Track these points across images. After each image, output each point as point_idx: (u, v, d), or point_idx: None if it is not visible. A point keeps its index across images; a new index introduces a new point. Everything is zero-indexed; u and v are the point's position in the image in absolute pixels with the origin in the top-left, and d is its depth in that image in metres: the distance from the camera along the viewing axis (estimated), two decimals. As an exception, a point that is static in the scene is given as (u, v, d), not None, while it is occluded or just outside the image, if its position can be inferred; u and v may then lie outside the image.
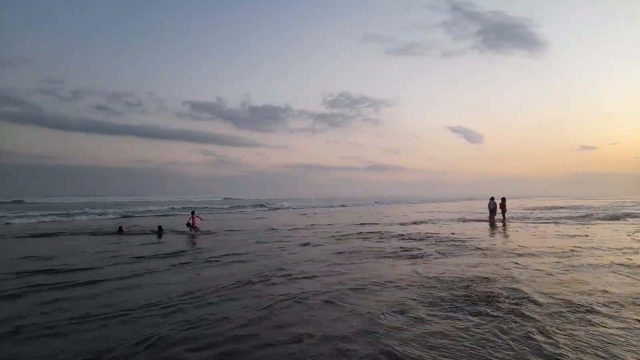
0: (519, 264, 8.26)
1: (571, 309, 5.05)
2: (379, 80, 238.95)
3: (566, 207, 36.58)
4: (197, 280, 7.16)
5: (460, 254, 9.80)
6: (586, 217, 23.24)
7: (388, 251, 10.32)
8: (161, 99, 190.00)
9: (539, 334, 4.17)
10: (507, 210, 22.16)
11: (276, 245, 11.94)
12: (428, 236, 13.80)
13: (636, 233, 14.01)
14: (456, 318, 4.75)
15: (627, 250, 9.88)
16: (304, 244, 12.00)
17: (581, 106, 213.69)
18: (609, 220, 20.94)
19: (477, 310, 5.02)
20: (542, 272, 7.33)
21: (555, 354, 3.69)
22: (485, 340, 4.02)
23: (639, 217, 21.88)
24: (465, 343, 3.96)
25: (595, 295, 5.67)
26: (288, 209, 44.06)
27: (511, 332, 4.25)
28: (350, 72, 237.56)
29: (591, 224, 18.47)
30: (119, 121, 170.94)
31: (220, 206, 44.26)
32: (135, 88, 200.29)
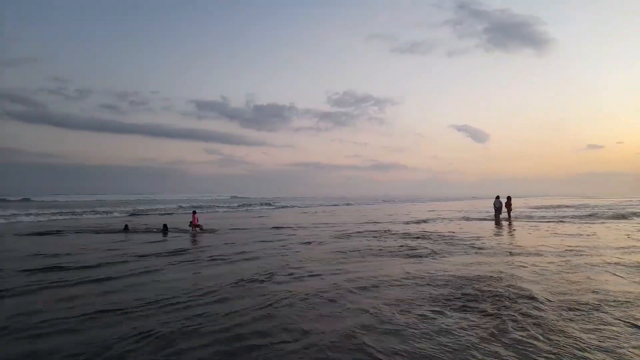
0: (524, 262, 8.22)
1: (576, 308, 5.03)
2: (383, 79, 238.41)
3: (572, 206, 36.28)
4: (202, 278, 7.21)
5: (464, 252, 9.77)
6: (592, 216, 23.05)
7: (392, 250, 10.31)
8: (166, 98, 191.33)
9: (545, 331, 4.17)
10: (513, 209, 22.05)
11: (280, 243, 11.98)
12: (433, 235, 13.77)
13: (637, 232, 13.89)
14: (461, 317, 4.75)
15: (634, 250, 9.79)
16: (308, 242, 12.04)
17: (587, 105, 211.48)
18: (616, 219, 20.77)
19: (481, 309, 5.01)
20: (548, 271, 7.29)
21: (559, 353, 3.68)
22: (489, 338, 4.02)
23: (646, 216, 21.67)
24: (470, 340, 3.96)
25: (599, 294, 5.64)
26: (293, 207, 44.24)
27: (514, 330, 4.25)
28: (355, 70, 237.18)
29: (597, 223, 18.32)
30: (124, 120, 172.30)
31: (227, 204, 44.49)
32: (141, 87, 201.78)
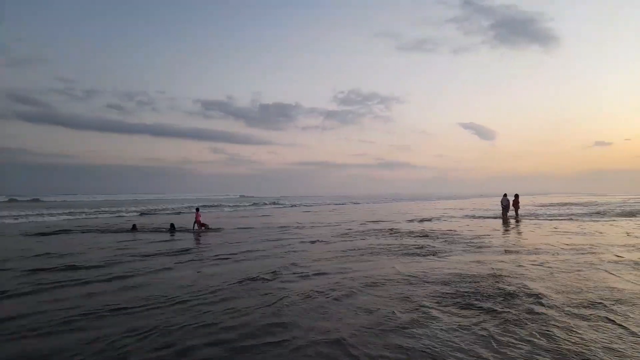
0: (531, 260, 8.15)
1: (583, 306, 4.98)
2: (389, 77, 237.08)
3: (580, 204, 35.89)
4: (207, 277, 7.25)
5: (471, 251, 9.71)
6: (600, 213, 22.78)
7: (399, 248, 10.28)
8: (172, 97, 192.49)
9: (550, 329, 4.14)
10: (520, 207, 21.86)
11: (286, 242, 12.01)
12: (439, 233, 13.70)
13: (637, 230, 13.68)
14: (467, 315, 4.73)
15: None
16: (314, 241, 12.05)
17: (595, 101, 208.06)
18: (624, 216, 20.52)
19: (486, 307, 4.98)
20: (555, 269, 7.22)
21: (563, 351, 3.64)
22: (495, 337, 3.99)
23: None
24: (477, 338, 3.94)
25: (606, 292, 5.57)
26: (299, 206, 44.40)
27: (521, 329, 4.21)
28: (361, 68, 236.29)
29: (604, 221, 18.10)
30: (131, 120, 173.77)
31: (235, 204, 44.75)
32: (147, 87, 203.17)
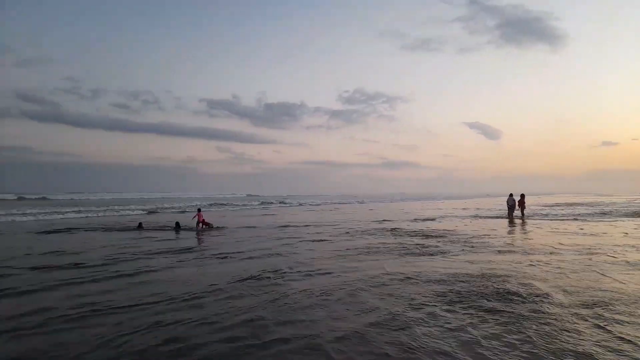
0: (537, 261, 8.10)
1: (588, 306, 4.94)
2: (394, 76, 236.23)
3: (586, 204, 35.56)
4: (210, 275, 7.26)
5: (477, 250, 9.67)
6: (606, 214, 22.56)
7: (402, 248, 10.26)
8: (178, 96, 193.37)
9: (554, 330, 4.11)
10: (526, 207, 21.76)
11: (290, 241, 12.04)
12: (444, 233, 13.66)
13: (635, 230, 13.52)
14: (473, 314, 4.72)
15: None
16: (319, 240, 12.06)
17: (602, 101, 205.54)
18: (630, 217, 20.31)
19: (490, 307, 4.97)
20: (560, 269, 7.17)
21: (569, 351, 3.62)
22: (499, 336, 3.98)
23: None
24: (480, 338, 3.93)
25: (612, 292, 5.52)
26: (304, 205, 44.58)
27: (523, 329, 4.19)
28: (366, 68, 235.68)
29: (611, 221, 17.94)
30: (137, 119, 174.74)
31: (241, 202, 44.94)
32: (153, 86, 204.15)
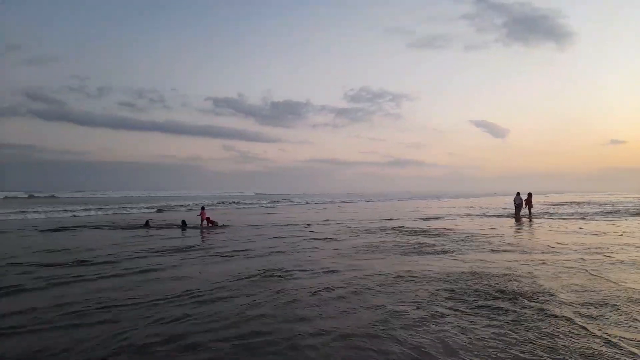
0: (542, 260, 8.05)
1: (593, 306, 4.92)
2: (400, 74, 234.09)
3: (593, 203, 35.11)
4: (217, 273, 7.33)
5: (482, 249, 9.63)
6: (614, 213, 22.29)
7: (409, 247, 10.25)
8: (184, 95, 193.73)
9: (561, 330, 4.10)
10: (534, 206, 21.57)
11: (297, 239, 12.08)
12: (449, 232, 13.60)
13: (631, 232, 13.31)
14: (478, 314, 4.72)
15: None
16: (325, 239, 12.10)
17: (610, 99, 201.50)
18: (638, 216, 20.04)
19: (495, 306, 4.97)
20: (566, 269, 7.12)
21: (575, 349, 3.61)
22: (507, 336, 3.98)
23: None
24: (483, 338, 3.93)
25: (620, 292, 5.48)
26: (311, 203, 44.77)
27: (529, 329, 4.19)
28: (371, 66, 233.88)
29: (619, 220, 17.72)
30: (142, 117, 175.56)
31: (248, 201, 45.15)
32: (158, 85, 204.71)
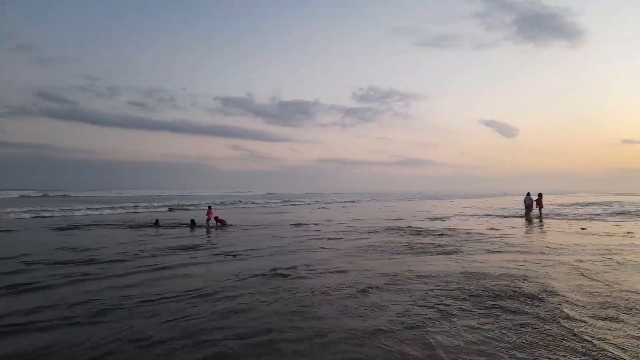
0: (553, 261, 7.96)
1: (606, 308, 4.85)
2: (409, 74, 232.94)
3: (605, 204, 34.53)
4: (225, 272, 7.37)
5: (492, 250, 9.56)
6: (625, 214, 21.90)
7: (420, 247, 10.21)
8: (193, 94, 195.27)
9: (572, 332, 4.06)
10: (544, 207, 21.29)
11: (305, 239, 12.12)
12: (460, 232, 13.52)
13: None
14: (488, 314, 4.69)
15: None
16: (332, 239, 12.11)
17: (622, 98, 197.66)
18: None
19: (500, 306, 4.96)
20: (578, 270, 7.03)
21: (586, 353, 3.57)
22: (514, 336, 3.96)
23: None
24: (490, 337, 3.91)
25: (632, 295, 5.38)
26: (321, 203, 45.01)
27: (540, 330, 4.15)
28: (380, 65, 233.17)
29: (630, 221, 17.40)
30: (153, 117, 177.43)
31: (257, 200, 45.47)
32: (168, 84, 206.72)
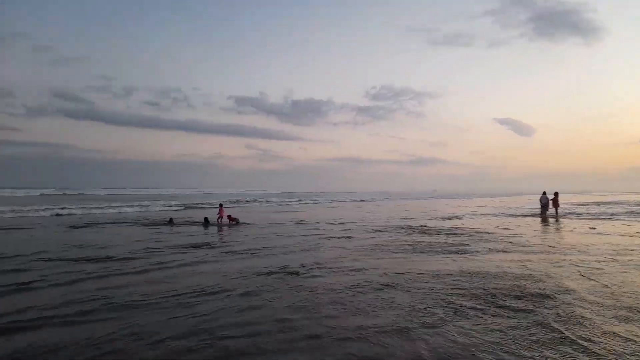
0: (569, 261, 7.80)
1: (618, 309, 4.73)
2: (422, 72, 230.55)
3: (622, 203, 33.60)
4: (237, 270, 7.44)
5: (508, 250, 9.42)
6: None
7: (431, 246, 10.13)
8: (206, 94, 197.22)
9: (585, 333, 3.98)
10: (560, 206, 20.84)
11: (317, 237, 12.16)
12: (473, 232, 13.35)
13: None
14: (497, 314, 4.63)
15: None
16: (343, 237, 12.11)
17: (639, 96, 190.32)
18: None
19: (505, 305, 4.90)
20: (594, 270, 6.87)
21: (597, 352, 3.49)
22: (519, 337, 3.90)
23: None
24: (497, 338, 3.86)
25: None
26: (335, 202, 45.18)
27: (552, 330, 4.08)
28: (393, 64, 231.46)
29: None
30: (167, 116, 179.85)
31: (270, 199, 45.96)
32: (182, 84, 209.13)
